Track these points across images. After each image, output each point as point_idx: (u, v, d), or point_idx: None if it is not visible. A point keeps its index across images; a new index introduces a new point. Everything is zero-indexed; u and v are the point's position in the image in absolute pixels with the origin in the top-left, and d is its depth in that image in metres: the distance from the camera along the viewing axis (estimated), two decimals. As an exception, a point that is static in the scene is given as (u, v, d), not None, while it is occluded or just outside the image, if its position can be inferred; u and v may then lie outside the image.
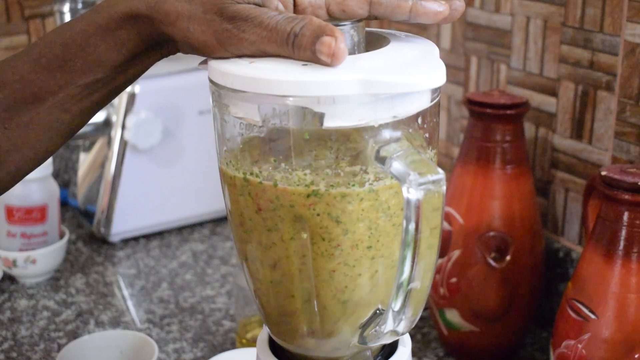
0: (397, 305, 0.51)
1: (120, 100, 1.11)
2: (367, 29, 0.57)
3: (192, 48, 0.54)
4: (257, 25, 0.51)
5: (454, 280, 0.85)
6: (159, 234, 1.20)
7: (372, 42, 0.56)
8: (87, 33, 0.55)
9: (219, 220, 1.24)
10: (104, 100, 0.59)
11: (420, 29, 1.07)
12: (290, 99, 0.49)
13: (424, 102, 0.52)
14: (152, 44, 0.56)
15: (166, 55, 0.57)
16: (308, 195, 0.51)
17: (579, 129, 0.87)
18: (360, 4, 0.53)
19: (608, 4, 0.81)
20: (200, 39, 0.52)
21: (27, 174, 0.61)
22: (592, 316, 0.70)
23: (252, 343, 0.89)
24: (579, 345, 0.70)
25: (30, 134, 0.58)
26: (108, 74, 0.56)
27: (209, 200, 1.21)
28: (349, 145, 0.52)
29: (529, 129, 0.93)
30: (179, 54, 0.57)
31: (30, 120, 0.57)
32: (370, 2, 0.53)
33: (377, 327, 0.54)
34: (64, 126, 0.58)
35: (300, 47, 0.50)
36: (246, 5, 0.52)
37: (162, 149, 1.14)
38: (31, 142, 0.58)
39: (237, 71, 0.50)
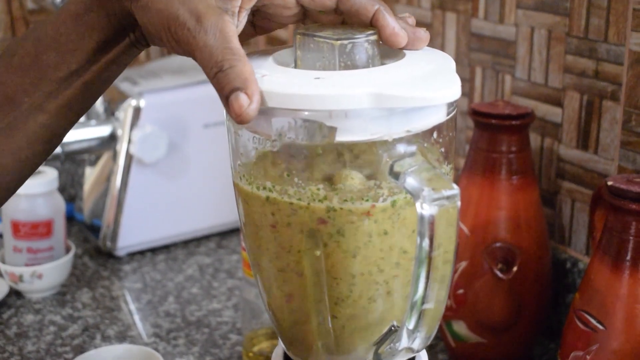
0: (411, 324, 0.50)
1: (126, 114, 1.11)
2: None
3: (147, 31, 0.54)
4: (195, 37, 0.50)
5: (460, 291, 0.85)
6: (165, 248, 1.20)
7: (388, 55, 0.56)
8: (58, 23, 0.56)
9: (225, 234, 1.24)
10: (80, 98, 0.58)
11: (425, 40, 1.07)
12: (303, 113, 0.49)
13: (439, 117, 0.51)
14: (120, 27, 0.56)
15: (137, 45, 0.57)
16: (321, 211, 0.51)
17: (585, 139, 0.87)
18: None
19: (612, 13, 0.81)
20: (152, 19, 0.52)
21: (10, 189, 0.60)
22: (600, 327, 0.69)
23: (258, 356, 0.88)
24: (588, 357, 0.69)
25: (10, 141, 0.57)
26: (81, 63, 0.56)
27: (215, 213, 1.21)
28: (363, 159, 0.51)
29: (534, 139, 0.92)
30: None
31: (7, 126, 0.57)
32: None
33: (392, 344, 0.54)
34: (43, 129, 0.58)
35: (218, 84, 0.49)
36: (216, 9, 0.51)
37: (168, 162, 1.15)
38: (12, 149, 0.57)
39: None
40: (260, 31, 0.58)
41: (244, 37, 0.54)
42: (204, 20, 0.50)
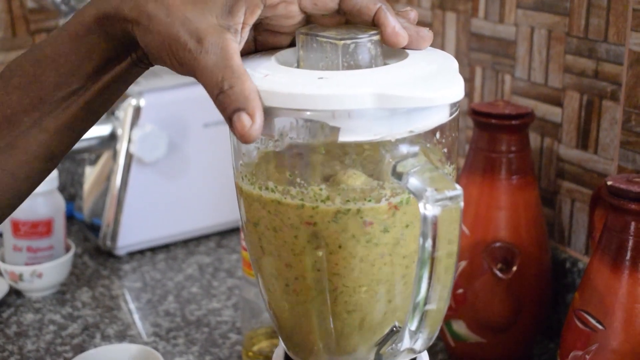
0: (413, 325, 0.50)
1: (126, 113, 1.11)
2: None
3: (149, 52, 0.53)
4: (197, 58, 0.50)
5: (460, 291, 0.85)
6: (165, 247, 1.20)
7: (391, 55, 0.56)
8: (58, 44, 0.55)
9: (225, 233, 1.24)
10: (81, 117, 0.57)
11: (425, 40, 1.07)
12: (306, 113, 0.49)
13: (442, 117, 0.51)
14: (121, 48, 0.55)
15: (139, 64, 0.57)
16: (323, 211, 0.51)
17: (585, 138, 0.87)
18: None
19: (612, 13, 0.81)
20: (153, 41, 0.52)
21: (9, 207, 0.59)
22: (600, 327, 0.69)
23: (258, 356, 0.88)
24: (587, 356, 0.70)
25: (9, 160, 0.57)
26: (82, 84, 0.56)
27: (215, 212, 1.21)
28: (366, 160, 0.51)
29: (534, 139, 0.92)
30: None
31: (7, 145, 0.56)
32: None
33: (394, 345, 0.54)
34: (43, 148, 0.57)
35: (220, 105, 0.49)
36: (218, 28, 0.50)
37: (168, 162, 1.15)
38: (10, 168, 0.57)
39: None
40: (260, 46, 0.58)
41: (242, 54, 0.54)
42: (204, 41, 0.50)
